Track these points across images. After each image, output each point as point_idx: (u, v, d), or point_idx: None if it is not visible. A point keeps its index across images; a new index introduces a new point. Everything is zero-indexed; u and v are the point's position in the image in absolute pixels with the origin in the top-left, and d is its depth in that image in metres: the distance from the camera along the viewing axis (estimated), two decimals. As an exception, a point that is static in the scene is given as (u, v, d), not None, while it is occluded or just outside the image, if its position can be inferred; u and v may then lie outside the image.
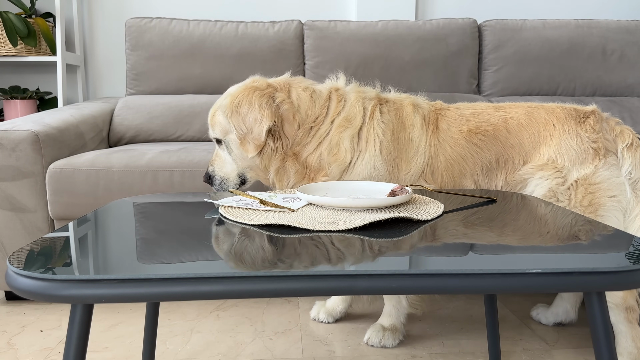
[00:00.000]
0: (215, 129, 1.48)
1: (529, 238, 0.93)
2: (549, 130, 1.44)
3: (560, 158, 1.40)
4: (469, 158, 1.45)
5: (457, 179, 1.46)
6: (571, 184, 1.39)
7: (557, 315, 1.70)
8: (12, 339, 1.59)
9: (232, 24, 2.55)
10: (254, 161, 1.45)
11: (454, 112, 1.52)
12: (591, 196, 1.38)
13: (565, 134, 1.42)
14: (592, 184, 1.38)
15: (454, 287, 0.73)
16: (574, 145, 1.41)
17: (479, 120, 1.48)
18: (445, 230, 0.97)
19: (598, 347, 0.79)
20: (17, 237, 1.79)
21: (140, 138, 2.38)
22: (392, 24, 2.56)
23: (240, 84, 1.49)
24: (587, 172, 1.39)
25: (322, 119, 1.45)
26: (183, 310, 1.79)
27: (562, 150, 1.41)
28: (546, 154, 1.42)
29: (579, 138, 1.41)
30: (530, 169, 1.43)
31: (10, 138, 1.74)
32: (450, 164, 1.45)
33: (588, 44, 2.59)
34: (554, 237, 0.94)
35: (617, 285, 0.74)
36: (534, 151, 1.44)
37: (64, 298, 0.68)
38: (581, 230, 0.97)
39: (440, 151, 1.45)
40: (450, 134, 1.47)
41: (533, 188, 1.41)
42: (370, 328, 1.57)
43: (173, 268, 0.75)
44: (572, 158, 1.40)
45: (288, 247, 0.85)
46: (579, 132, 1.42)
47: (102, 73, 2.90)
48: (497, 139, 1.46)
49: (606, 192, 1.38)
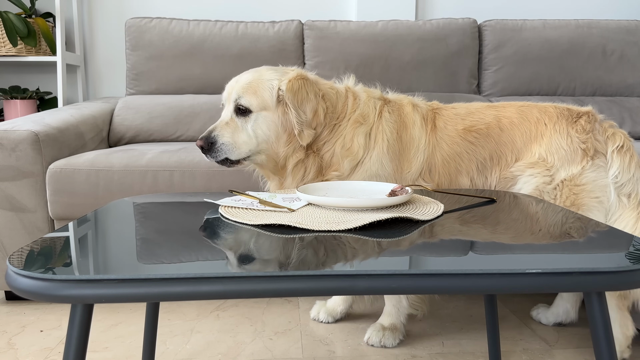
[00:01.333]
0: (249, 99, 1.40)
1: (529, 238, 0.93)
2: (540, 129, 1.46)
3: (551, 157, 1.42)
4: (465, 155, 1.48)
5: (454, 176, 1.48)
6: (557, 183, 1.41)
7: (558, 316, 1.70)
8: (12, 339, 1.59)
9: (232, 24, 2.55)
10: (278, 147, 1.42)
11: (450, 111, 1.54)
12: (574, 197, 1.40)
13: (556, 133, 1.44)
14: (577, 185, 1.40)
15: (454, 287, 0.73)
16: (564, 145, 1.42)
17: (474, 119, 1.51)
18: (445, 230, 0.97)
19: (598, 347, 0.79)
20: (17, 237, 1.79)
21: (140, 138, 2.38)
22: (392, 24, 2.56)
23: (270, 68, 1.47)
24: (574, 173, 1.40)
25: (343, 116, 1.47)
26: (183, 310, 1.79)
27: (553, 150, 1.43)
28: (537, 152, 1.44)
29: (569, 138, 1.43)
30: (522, 166, 1.45)
31: (10, 138, 1.74)
32: (447, 161, 1.47)
33: (588, 44, 2.59)
34: (553, 237, 0.94)
35: (617, 285, 0.74)
36: (526, 149, 1.46)
37: (64, 298, 0.68)
38: (581, 231, 0.97)
39: (437, 149, 1.47)
40: (446, 132, 1.49)
41: (521, 185, 1.44)
42: (370, 327, 1.57)
43: (173, 268, 0.75)
44: (562, 158, 1.42)
45: (288, 247, 0.85)
46: (569, 131, 1.43)
47: (102, 73, 2.90)
48: (490, 137, 1.48)
49: (589, 194, 1.39)
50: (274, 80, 1.41)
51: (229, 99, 1.43)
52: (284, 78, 1.41)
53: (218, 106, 2.46)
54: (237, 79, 1.45)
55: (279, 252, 0.82)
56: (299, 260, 0.78)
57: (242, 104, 1.40)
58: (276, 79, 1.41)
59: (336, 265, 0.76)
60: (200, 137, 1.40)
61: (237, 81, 1.44)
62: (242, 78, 1.44)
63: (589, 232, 0.96)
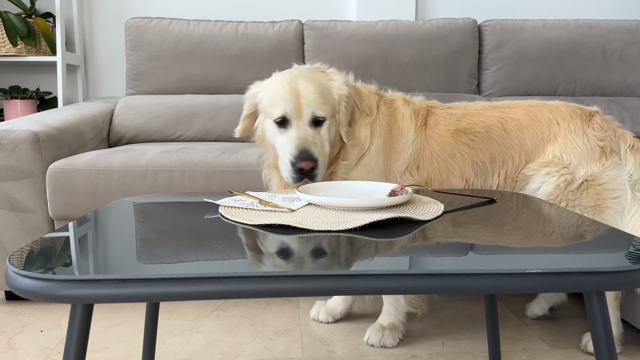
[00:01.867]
0: (324, 109, 1.36)
1: (529, 238, 0.93)
2: (553, 130, 1.44)
3: (566, 156, 1.41)
4: (458, 157, 1.46)
5: (445, 177, 1.47)
6: (581, 183, 1.39)
7: (549, 299, 1.73)
8: (12, 339, 1.59)
9: (232, 24, 2.55)
10: (333, 150, 1.41)
11: (445, 111, 1.53)
12: (597, 197, 1.39)
13: (571, 132, 1.43)
14: (599, 184, 1.39)
15: (454, 287, 0.73)
16: (580, 144, 1.41)
17: (471, 122, 1.49)
18: (445, 230, 0.97)
19: (598, 347, 0.79)
20: (17, 237, 1.79)
21: (140, 138, 2.38)
22: (392, 24, 2.56)
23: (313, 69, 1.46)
24: (595, 171, 1.39)
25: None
26: (183, 310, 1.79)
27: (568, 149, 1.41)
28: (551, 153, 1.42)
29: (585, 136, 1.42)
30: (534, 166, 1.43)
31: (10, 138, 1.74)
32: (436, 160, 1.46)
33: (588, 44, 2.59)
34: (554, 237, 0.94)
35: (617, 285, 0.74)
36: (537, 150, 1.44)
37: (64, 298, 0.68)
38: (581, 230, 0.97)
39: (426, 147, 1.47)
40: (437, 131, 1.48)
41: (538, 185, 1.41)
42: (369, 328, 1.57)
43: (173, 268, 0.75)
44: (579, 156, 1.40)
45: (288, 247, 0.85)
46: (585, 130, 1.43)
47: (102, 73, 2.90)
48: (492, 139, 1.46)
49: (611, 193, 1.39)
50: (331, 85, 1.41)
51: (298, 111, 1.34)
52: (335, 81, 1.42)
53: (218, 106, 2.47)
54: (296, 89, 1.35)
55: (279, 252, 0.83)
56: (299, 261, 0.78)
57: (320, 115, 1.36)
58: (329, 82, 1.42)
59: (336, 265, 0.76)
60: (299, 157, 1.30)
61: (302, 92, 1.35)
62: (306, 88, 1.35)
63: (589, 232, 0.96)
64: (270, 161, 1.49)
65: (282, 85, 1.38)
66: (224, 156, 1.82)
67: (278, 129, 1.38)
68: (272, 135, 1.40)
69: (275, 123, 1.37)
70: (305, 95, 1.35)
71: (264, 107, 1.42)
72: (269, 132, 1.41)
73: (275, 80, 1.42)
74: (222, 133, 2.38)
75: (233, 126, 1.56)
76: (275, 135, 1.39)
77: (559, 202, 1.40)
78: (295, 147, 1.32)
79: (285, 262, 0.79)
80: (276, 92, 1.38)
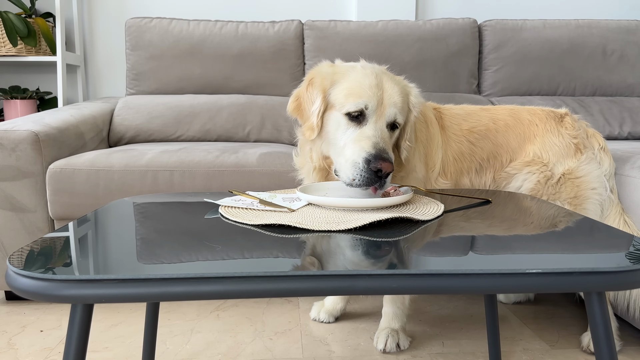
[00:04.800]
0: (402, 115, 1.27)
1: (529, 238, 0.93)
2: (532, 130, 1.53)
3: (545, 154, 1.50)
4: (467, 156, 1.51)
5: (458, 176, 1.51)
6: (559, 177, 1.47)
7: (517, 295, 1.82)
8: (12, 339, 1.59)
9: (232, 24, 2.55)
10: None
11: (451, 111, 1.58)
12: (577, 189, 1.47)
13: (547, 132, 1.52)
14: (576, 177, 1.48)
15: (454, 287, 0.73)
16: (557, 142, 1.51)
17: (473, 121, 1.55)
18: (445, 230, 0.97)
19: (598, 347, 0.79)
20: (17, 237, 1.79)
21: (140, 138, 2.38)
22: (392, 24, 2.56)
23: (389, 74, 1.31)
24: (572, 166, 1.48)
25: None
26: (183, 310, 1.79)
27: (546, 147, 1.50)
28: (531, 152, 1.51)
29: (560, 135, 1.51)
30: (518, 165, 1.51)
31: (10, 138, 1.74)
32: (456, 160, 1.50)
33: (588, 44, 2.59)
34: (554, 237, 0.94)
35: (617, 285, 0.74)
36: (520, 149, 1.52)
37: (64, 298, 0.68)
38: (581, 231, 0.97)
39: (448, 148, 1.50)
40: (452, 131, 1.52)
41: (521, 183, 1.49)
42: (381, 335, 1.52)
43: (173, 268, 0.75)
44: (556, 153, 1.49)
45: (288, 247, 0.85)
46: (559, 130, 1.52)
47: (102, 73, 2.90)
48: (488, 138, 1.53)
49: (589, 184, 1.48)
50: (408, 91, 1.33)
51: (380, 109, 1.22)
52: (412, 89, 1.34)
53: (218, 106, 2.47)
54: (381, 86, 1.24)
55: (279, 252, 0.82)
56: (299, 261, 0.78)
57: (398, 120, 1.26)
58: (406, 88, 1.33)
59: (336, 265, 0.76)
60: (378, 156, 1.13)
61: (387, 90, 1.24)
62: (392, 87, 1.25)
63: (588, 232, 0.96)
64: (314, 158, 1.35)
65: (367, 78, 1.23)
66: (224, 156, 1.82)
67: (348, 123, 1.22)
68: (335, 129, 1.25)
69: (347, 116, 1.22)
70: (390, 95, 1.23)
71: (336, 96, 1.25)
72: (332, 124, 1.25)
73: (355, 70, 1.28)
74: (222, 133, 2.37)
75: (233, 126, 1.56)
76: (342, 129, 1.23)
77: (540, 196, 1.47)
78: (373, 145, 1.16)
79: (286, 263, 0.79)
80: (359, 83, 1.23)
